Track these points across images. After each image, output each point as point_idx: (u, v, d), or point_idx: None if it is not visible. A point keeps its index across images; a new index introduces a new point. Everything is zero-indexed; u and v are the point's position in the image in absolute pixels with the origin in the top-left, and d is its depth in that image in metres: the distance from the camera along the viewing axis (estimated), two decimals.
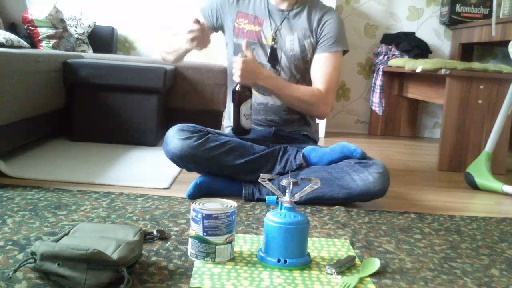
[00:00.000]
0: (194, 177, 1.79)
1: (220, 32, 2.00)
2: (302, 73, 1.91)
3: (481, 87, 2.51)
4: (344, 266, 1.17)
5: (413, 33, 3.73)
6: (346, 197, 1.70)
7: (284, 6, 1.89)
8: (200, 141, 1.69)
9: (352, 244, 1.36)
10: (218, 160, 1.70)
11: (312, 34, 1.88)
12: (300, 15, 1.89)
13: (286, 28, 1.88)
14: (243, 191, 1.73)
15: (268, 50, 1.87)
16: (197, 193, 1.69)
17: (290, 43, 1.87)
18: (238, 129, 1.73)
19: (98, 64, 2.57)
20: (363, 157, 1.75)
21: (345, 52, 1.92)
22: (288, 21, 1.88)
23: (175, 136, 1.70)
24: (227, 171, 1.73)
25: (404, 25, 3.82)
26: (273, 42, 1.86)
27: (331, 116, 3.87)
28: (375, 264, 1.18)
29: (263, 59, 1.88)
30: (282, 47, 1.88)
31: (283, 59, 1.88)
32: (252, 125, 1.85)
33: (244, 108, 1.70)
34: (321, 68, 1.87)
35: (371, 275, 1.15)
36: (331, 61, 1.87)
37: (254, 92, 1.89)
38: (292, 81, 1.90)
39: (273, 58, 1.88)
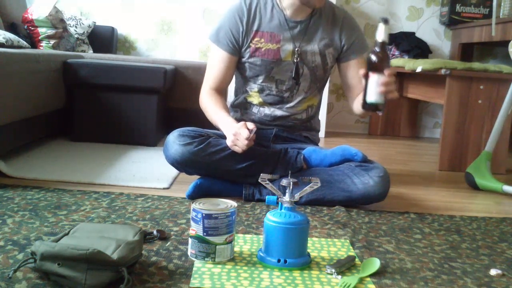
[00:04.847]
0: (194, 177, 1.79)
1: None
2: (321, 81, 1.92)
3: (481, 87, 2.51)
4: (344, 266, 1.17)
5: (413, 33, 3.73)
6: (346, 200, 1.70)
7: (301, 17, 1.82)
8: (201, 146, 1.68)
9: (352, 244, 1.36)
10: (219, 165, 1.69)
11: (333, 43, 1.85)
12: (317, 25, 1.84)
13: (305, 40, 1.83)
14: (244, 192, 1.72)
15: (289, 66, 1.82)
16: (197, 194, 1.69)
17: (311, 55, 1.83)
18: (364, 105, 1.54)
19: (98, 64, 2.57)
20: (364, 160, 1.75)
21: None
22: (306, 33, 1.83)
23: (176, 142, 1.69)
24: (227, 175, 1.73)
25: (404, 25, 3.82)
26: (297, 58, 1.81)
27: (331, 116, 3.87)
28: (375, 264, 1.18)
29: (284, 77, 1.84)
30: (303, 60, 1.83)
31: (305, 71, 1.84)
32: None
33: (373, 79, 1.50)
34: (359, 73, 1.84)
35: (371, 275, 1.15)
36: (363, 63, 1.86)
37: (261, 103, 1.88)
38: (312, 90, 1.89)
39: (297, 74, 1.83)
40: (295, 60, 1.82)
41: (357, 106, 1.86)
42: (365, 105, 1.54)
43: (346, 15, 1.89)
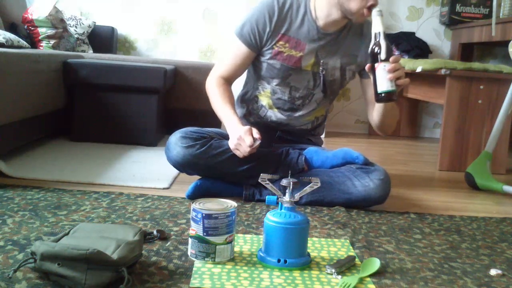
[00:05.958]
0: (194, 177, 1.79)
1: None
2: (334, 94, 1.91)
3: (481, 87, 2.51)
4: (344, 266, 1.17)
5: (413, 33, 3.73)
6: (346, 202, 1.69)
7: (332, 30, 1.75)
8: (203, 149, 1.67)
9: (352, 244, 1.36)
10: (220, 167, 1.69)
11: (356, 60, 1.82)
12: (344, 40, 1.79)
13: (330, 53, 1.78)
14: (244, 192, 1.72)
15: (307, 76, 1.79)
16: (197, 194, 1.68)
17: (332, 69, 1.80)
18: (377, 97, 1.53)
19: (98, 64, 2.57)
20: (366, 163, 1.75)
21: None
22: (332, 46, 1.78)
23: (178, 144, 1.68)
24: (229, 177, 1.72)
25: (404, 25, 3.82)
26: (322, 71, 1.77)
27: (331, 116, 3.87)
28: (375, 264, 1.18)
29: (300, 85, 1.80)
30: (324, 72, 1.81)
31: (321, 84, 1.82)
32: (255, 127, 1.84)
33: (380, 69, 1.50)
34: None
35: (371, 275, 1.15)
36: None
37: (270, 106, 1.85)
38: (324, 102, 1.88)
39: (325, 86, 1.80)
40: (321, 73, 1.78)
41: (372, 118, 1.86)
42: (378, 96, 1.53)
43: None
